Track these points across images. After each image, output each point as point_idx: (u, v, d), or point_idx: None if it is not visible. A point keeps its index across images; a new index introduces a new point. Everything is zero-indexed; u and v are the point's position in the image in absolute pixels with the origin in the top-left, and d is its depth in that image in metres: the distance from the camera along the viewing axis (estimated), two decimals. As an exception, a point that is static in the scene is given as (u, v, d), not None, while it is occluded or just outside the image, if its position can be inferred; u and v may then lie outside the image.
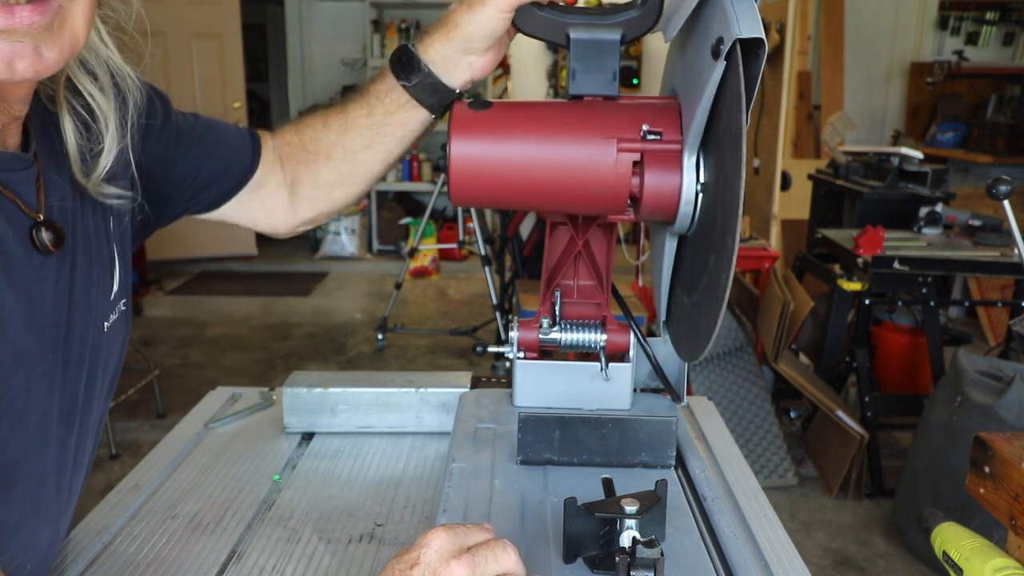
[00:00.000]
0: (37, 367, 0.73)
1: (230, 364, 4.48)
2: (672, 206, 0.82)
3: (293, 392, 1.21)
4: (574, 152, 0.84)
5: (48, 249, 0.74)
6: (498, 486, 0.90)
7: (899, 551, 2.79)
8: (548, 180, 0.85)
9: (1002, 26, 6.26)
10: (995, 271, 3.16)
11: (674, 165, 0.82)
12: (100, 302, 0.83)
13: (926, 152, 4.86)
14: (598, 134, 0.83)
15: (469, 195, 0.87)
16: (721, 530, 0.86)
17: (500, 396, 1.13)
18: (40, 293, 0.74)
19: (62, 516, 0.83)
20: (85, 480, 0.89)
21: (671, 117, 0.84)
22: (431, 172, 6.55)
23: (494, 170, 0.85)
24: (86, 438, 0.84)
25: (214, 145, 1.01)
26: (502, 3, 0.86)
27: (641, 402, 1.09)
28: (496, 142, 0.85)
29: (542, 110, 0.88)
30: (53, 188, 0.77)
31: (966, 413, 2.57)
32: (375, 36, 6.37)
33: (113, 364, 0.88)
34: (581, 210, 0.96)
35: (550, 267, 1.07)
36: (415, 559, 0.63)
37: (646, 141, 0.82)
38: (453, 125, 0.85)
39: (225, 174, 1.02)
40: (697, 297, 0.82)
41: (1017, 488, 0.84)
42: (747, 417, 3.25)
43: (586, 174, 0.84)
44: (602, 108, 0.87)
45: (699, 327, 0.81)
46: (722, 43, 0.71)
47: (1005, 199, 1.78)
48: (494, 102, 0.87)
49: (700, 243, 0.82)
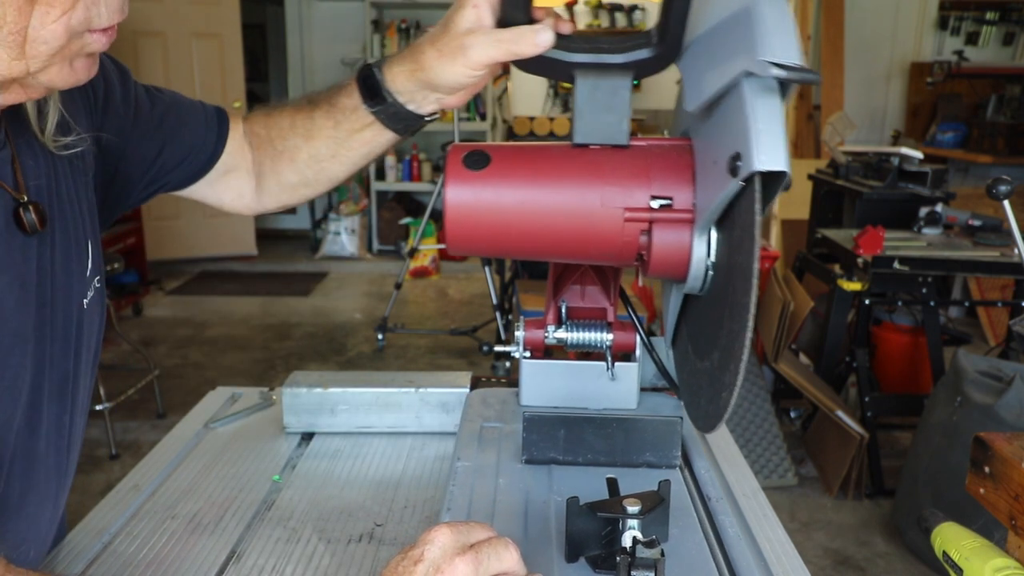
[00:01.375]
0: (30, 345, 0.75)
1: (230, 364, 4.48)
2: (682, 268, 0.78)
3: (293, 392, 1.21)
4: (577, 216, 0.78)
5: (36, 228, 0.76)
6: (502, 485, 0.90)
7: (899, 551, 2.79)
8: (549, 239, 0.81)
9: (1002, 26, 6.26)
10: (995, 271, 3.16)
11: (684, 229, 0.76)
12: (78, 280, 0.84)
13: (926, 152, 4.86)
14: (605, 201, 0.77)
15: (466, 247, 0.83)
16: (725, 530, 0.86)
17: (506, 395, 1.13)
18: (27, 273, 0.76)
19: (60, 494, 0.86)
20: (77, 460, 0.91)
21: (684, 172, 0.77)
22: (431, 172, 6.55)
23: (492, 227, 0.80)
24: (76, 416, 0.86)
25: (175, 129, 0.99)
26: (474, 62, 0.79)
27: (647, 401, 1.09)
28: (494, 202, 0.79)
29: (543, 165, 0.81)
30: (29, 170, 0.79)
31: (966, 413, 2.57)
32: (375, 36, 6.37)
33: (95, 342, 0.89)
34: (585, 262, 0.93)
35: (557, 271, 1.07)
36: (419, 556, 0.63)
37: (655, 211, 0.76)
38: (448, 178, 0.80)
39: (186, 159, 1.00)
40: (709, 363, 0.76)
41: (1017, 488, 0.84)
42: (747, 417, 3.25)
43: (589, 237, 0.79)
44: (608, 163, 0.80)
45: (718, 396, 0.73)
46: (739, 160, 0.64)
47: (1005, 199, 1.78)
48: (492, 154, 0.81)
49: (714, 302, 0.77)
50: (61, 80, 0.70)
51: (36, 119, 0.79)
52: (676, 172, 0.77)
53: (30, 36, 0.65)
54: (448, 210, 0.80)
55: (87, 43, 0.69)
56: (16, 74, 0.67)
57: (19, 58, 0.66)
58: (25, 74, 0.67)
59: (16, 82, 0.69)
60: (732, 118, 0.67)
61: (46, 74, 0.69)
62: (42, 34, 0.65)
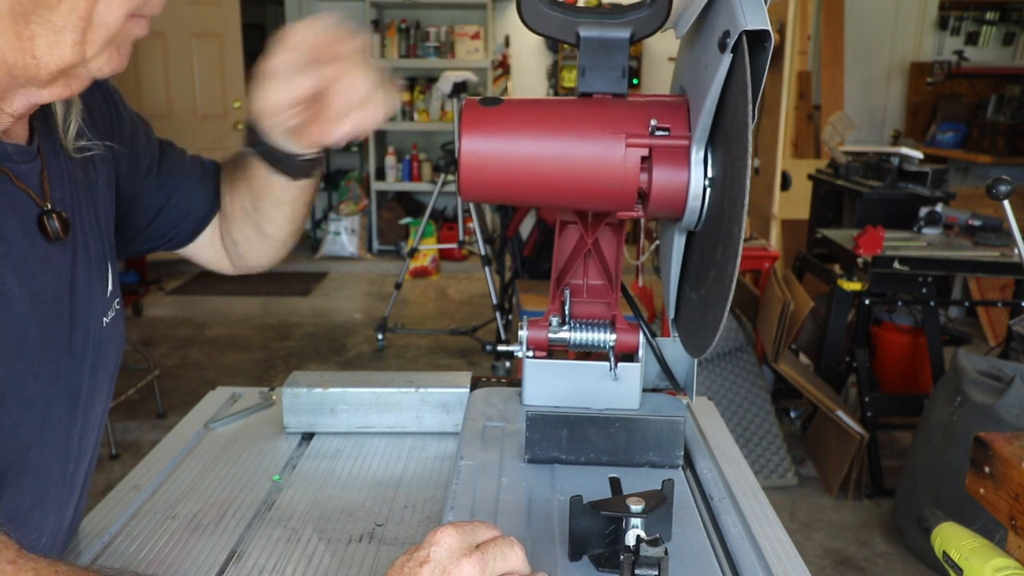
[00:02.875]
0: (39, 355, 0.75)
1: (230, 364, 4.48)
2: (680, 201, 0.83)
3: (293, 392, 1.21)
4: (583, 148, 0.84)
5: (59, 236, 0.76)
6: (505, 484, 0.90)
7: (899, 551, 2.78)
8: (557, 176, 0.85)
9: (1002, 26, 6.26)
10: (995, 271, 3.16)
11: (682, 160, 0.82)
12: (99, 298, 0.84)
13: (926, 152, 4.86)
14: (607, 130, 0.83)
15: (478, 190, 0.87)
16: (728, 530, 0.86)
17: (509, 395, 1.13)
18: (43, 282, 0.76)
19: (65, 507, 0.85)
20: (88, 477, 0.90)
21: (679, 114, 0.84)
22: (431, 172, 6.54)
23: (503, 166, 0.85)
24: (88, 431, 0.86)
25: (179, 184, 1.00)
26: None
27: (650, 402, 1.09)
28: (505, 138, 0.85)
29: (551, 107, 0.88)
30: (56, 180, 0.79)
31: (966, 413, 2.57)
32: (375, 36, 6.37)
33: (113, 363, 0.89)
34: (590, 206, 0.96)
35: (559, 266, 1.07)
36: (425, 557, 0.63)
37: (654, 137, 0.82)
38: (463, 121, 0.85)
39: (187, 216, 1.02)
40: (704, 290, 0.83)
41: (1017, 488, 0.84)
42: (747, 417, 3.25)
43: (595, 170, 0.84)
44: (611, 105, 0.87)
45: (706, 320, 0.81)
46: (728, 36, 0.72)
47: (1005, 199, 1.78)
48: (504, 99, 0.87)
49: (708, 237, 0.83)
50: (109, 67, 0.71)
51: (62, 124, 0.81)
52: (672, 112, 0.84)
53: (94, 21, 0.66)
54: (463, 152, 0.85)
55: (131, 28, 0.70)
56: (75, 60, 0.68)
57: (79, 43, 0.67)
58: (81, 60, 0.68)
59: (66, 74, 0.70)
60: (718, 15, 0.75)
61: (97, 61, 0.70)
62: (106, 19, 0.67)
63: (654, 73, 6.47)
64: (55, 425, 0.79)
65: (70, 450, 0.82)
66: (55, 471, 0.80)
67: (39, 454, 0.77)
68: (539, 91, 6.80)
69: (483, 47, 6.38)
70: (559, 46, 6.11)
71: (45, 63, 0.67)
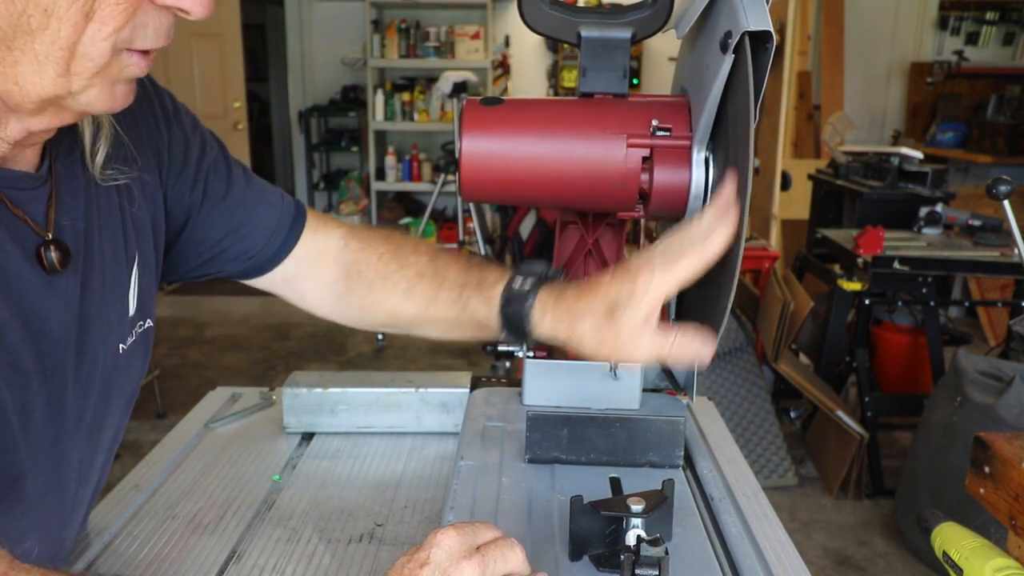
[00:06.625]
0: (34, 381, 0.73)
1: (230, 364, 4.48)
2: (681, 201, 0.83)
3: (293, 392, 1.21)
4: (584, 148, 0.84)
5: (55, 268, 0.73)
6: (506, 484, 0.90)
7: (899, 551, 2.78)
8: (557, 176, 0.85)
9: (1002, 26, 6.25)
10: (995, 271, 3.16)
11: (683, 161, 0.82)
12: (115, 324, 0.82)
13: (926, 152, 4.86)
14: (608, 130, 0.83)
15: (479, 190, 0.88)
16: (728, 530, 0.86)
17: (509, 395, 1.13)
18: (44, 312, 0.73)
19: (65, 528, 0.83)
20: (95, 494, 0.88)
21: (681, 114, 0.84)
22: (431, 172, 6.54)
23: (504, 165, 0.85)
24: (94, 455, 0.84)
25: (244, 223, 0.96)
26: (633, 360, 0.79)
27: (650, 402, 1.09)
28: (506, 138, 0.85)
29: (552, 107, 0.88)
30: (65, 208, 0.77)
31: (966, 413, 2.57)
32: (375, 36, 6.36)
33: (131, 386, 0.87)
34: (591, 206, 0.96)
35: (559, 266, 1.07)
36: (425, 558, 0.63)
37: (655, 137, 0.82)
38: (464, 121, 0.85)
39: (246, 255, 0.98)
40: (705, 291, 0.82)
41: (1017, 488, 0.84)
42: (747, 417, 3.25)
43: (596, 170, 0.84)
44: (612, 105, 0.87)
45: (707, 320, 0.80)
46: (730, 36, 0.72)
47: (1005, 199, 1.78)
48: (505, 99, 0.87)
49: None
50: (100, 103, 0.68)
51: (90, 148, 0.78)
52: (673, 112, 0.84)
53: (78, 52, 0.64)
54: (464, 152, 0.84)
55: (126, 65, 0.68)
56: (59, 92, 0.65)
57: (64, 75, 0.64)
58: (67, 93, 0.66)
59: (53, 104, 0.67)
60: (720, 15, 0.75)
61: (86, 95, 0.67)
62: (91, 51, 0.64)
63: (654, 73, 6.46)
64: (48, 453, 0.76)
65: (68, 475, 0.80)
66: (48, 497, 0.78)
67: (33, 481, 0.75)
68: (539, 91, 6.80)
69: (483, 47, 6.37)
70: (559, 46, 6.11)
71: (27, 92, 0.65)
